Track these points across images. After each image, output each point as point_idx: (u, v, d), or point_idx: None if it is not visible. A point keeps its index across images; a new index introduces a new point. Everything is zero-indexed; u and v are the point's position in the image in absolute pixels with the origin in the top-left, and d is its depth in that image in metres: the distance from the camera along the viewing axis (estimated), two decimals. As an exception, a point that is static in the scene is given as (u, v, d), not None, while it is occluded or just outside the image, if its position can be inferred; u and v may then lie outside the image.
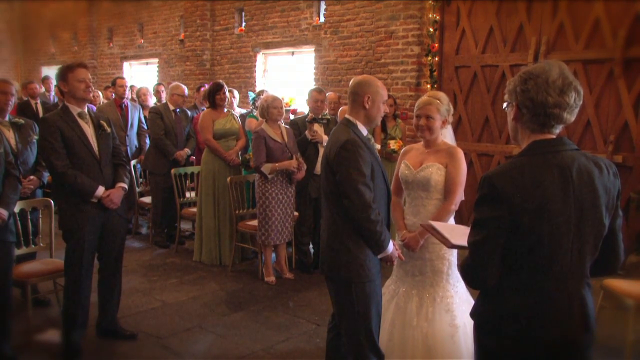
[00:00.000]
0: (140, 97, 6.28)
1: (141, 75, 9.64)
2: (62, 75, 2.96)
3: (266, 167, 4.17)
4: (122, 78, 6.18)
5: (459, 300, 2.57)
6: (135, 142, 5.81)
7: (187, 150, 5.36)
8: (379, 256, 2.33)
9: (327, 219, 2.37)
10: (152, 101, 6.38)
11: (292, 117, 5.38)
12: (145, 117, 5.82)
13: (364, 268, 2.28)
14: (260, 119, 4.49)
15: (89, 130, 3.02)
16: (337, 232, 2.30)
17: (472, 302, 2.54)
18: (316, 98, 4.58)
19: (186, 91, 5.47)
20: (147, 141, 5.76)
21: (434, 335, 2.51)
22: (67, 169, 2.91)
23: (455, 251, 2.51)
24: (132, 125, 5.71)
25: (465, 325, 2.50)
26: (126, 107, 5.70)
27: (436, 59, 5.58)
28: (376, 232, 2.24)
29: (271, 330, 3.47)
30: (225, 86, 4.92)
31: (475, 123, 5.48)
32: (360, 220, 2.22)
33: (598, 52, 4.62)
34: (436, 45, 5.56)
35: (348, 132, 2.28)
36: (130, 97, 6.08)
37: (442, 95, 2.64)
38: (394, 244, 2.38)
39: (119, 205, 3.07)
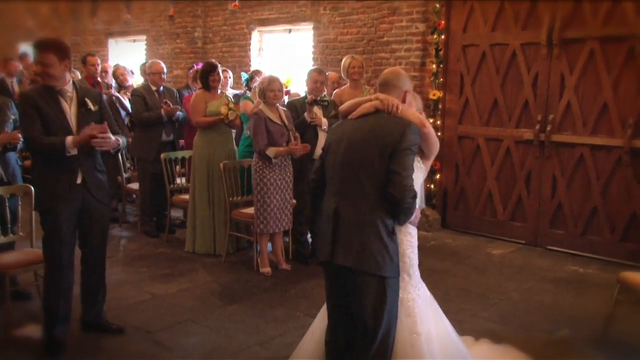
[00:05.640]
0: (118, 77, 6.11)
1: (128, 53, 9.48)
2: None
3: (271, 151, 4.14)
4: (93, 55, 6.05)
5: (422, 304, 2.43)
6: None
7: (177, 107, 5.19)
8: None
9: (362, 204, 2.30)
10: (132, 81, 6.23)
11: (286, 99, 5.30)
12: (118, 97, 5.71)
13: (394, 263, 2.30)
14: (257, 100, 4.43)
15: (68, 108, 2.97)
16: (375, 223, 2.26)
17: (435, 306, 2.47)
18: (316, 79, 4.53)
19: (164, 67, 5.33)
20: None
21: (394, 343, 2.38)
22: (35, 134, 2.87)
23: (415, 248, 2.42)
24: None
25: (429, 332, 2.37)
26: (99, 85, 5.59)
27: (442, 37, 5.50)
28: (412, 208, 2.29)
29: (267, 323, 3.45)
30: (219, 66, 4.85)
31: (483, 106, 5.41)
32: (403, 201, 2.24)
33: (618, 28, 4.52)
34: (442, 22, 5.47)
35: (407, 120, 2.34)
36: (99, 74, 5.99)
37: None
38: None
39: (110, 146, 2.94)
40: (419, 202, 2.61)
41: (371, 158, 2.27)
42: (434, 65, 5.58)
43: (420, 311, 2.39)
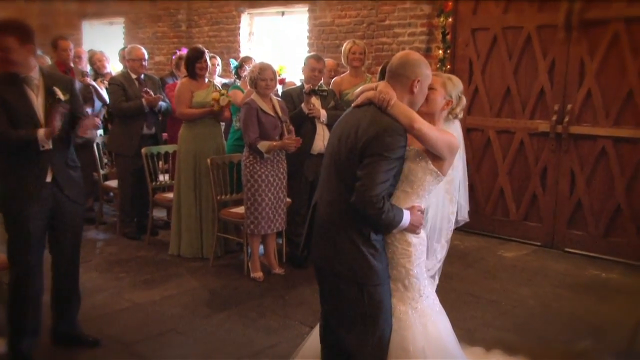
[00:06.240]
0: (94, 63, 6.07)
1: (104, 37, 9.40)
2: None
3: (263, 145, 4.13)
4: (65, 39, 5.99)
5: (417, 318, 2.38)
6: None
7: (159, 96, 5.16)
8: (396, 230, 2.28)
9: (334, 205, 2.29)
10: (109, 68, 6.21)
11: (280, 88, 5.29)
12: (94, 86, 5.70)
13: (374, 270, 2.26)
14: (248, 89, 4.43)
15: (34, 98, 2.93)
16: (347, 229, 2.25)
17: (440, 322, 2.41)
18: (313, 67, 4.53)
19: (145, 53, 5.30)
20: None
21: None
22: (1, 127, 2.81)
23: (414, 260, 2.37)
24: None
25: (423, 350, 2.32)
26: (71, 72, 5.55)
27: (449, 20, 5.49)
28: (381, 220, 2.22)
29: (259, 333, 3.45)
30: (207, 53, 4.83)
31: (494, 95, 5.40)
32: (366, 213, 2.20)
33: (646, 6, 4.51)
34: (450, 3, 5.46)
35: (390, 119, 2.22)
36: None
37: (456, 78, 2.57)
38: (408, 210, 2.29)
39: (92, 135, 2.98)
40: (458, 200, 2.56)
41: (344, 157, 2.25)
42: (440, 51, 5.56)
43: (413, 324, 2.35)
